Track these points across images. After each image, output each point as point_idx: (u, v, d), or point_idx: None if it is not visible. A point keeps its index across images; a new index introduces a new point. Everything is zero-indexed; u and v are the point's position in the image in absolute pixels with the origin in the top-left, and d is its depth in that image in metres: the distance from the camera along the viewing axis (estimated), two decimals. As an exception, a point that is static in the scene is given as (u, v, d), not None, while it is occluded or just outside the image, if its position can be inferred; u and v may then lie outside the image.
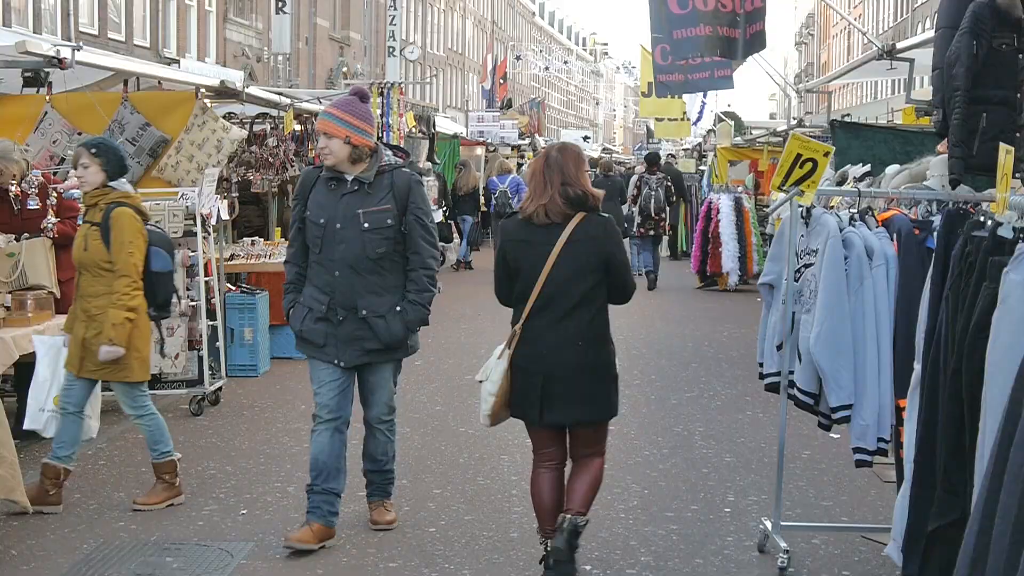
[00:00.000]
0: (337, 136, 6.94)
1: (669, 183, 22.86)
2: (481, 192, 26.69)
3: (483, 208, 26.80)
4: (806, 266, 6.83)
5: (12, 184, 9.47)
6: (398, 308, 7.02)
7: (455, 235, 25.46)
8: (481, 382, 6.55)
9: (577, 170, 6.41)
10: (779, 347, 7.10)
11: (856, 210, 6.86)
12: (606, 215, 6.51)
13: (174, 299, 8.40)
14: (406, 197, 7.04)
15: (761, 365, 7.46)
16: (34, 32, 26.33)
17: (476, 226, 26.58)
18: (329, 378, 7.08)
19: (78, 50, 9.72)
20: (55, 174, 10.51)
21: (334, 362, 7.04)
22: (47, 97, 11.08)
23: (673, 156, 32.71)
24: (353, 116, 7.00)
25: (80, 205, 9.66)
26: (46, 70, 9.86)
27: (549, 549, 6.34)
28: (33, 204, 9.49)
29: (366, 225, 6.96)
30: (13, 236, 9.51)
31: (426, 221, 7.12)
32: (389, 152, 7.27)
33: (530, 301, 6.34)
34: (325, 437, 7.08)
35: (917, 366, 5.41)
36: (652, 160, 24.04)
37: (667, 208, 22.50)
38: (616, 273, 6.42)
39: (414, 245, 7.07)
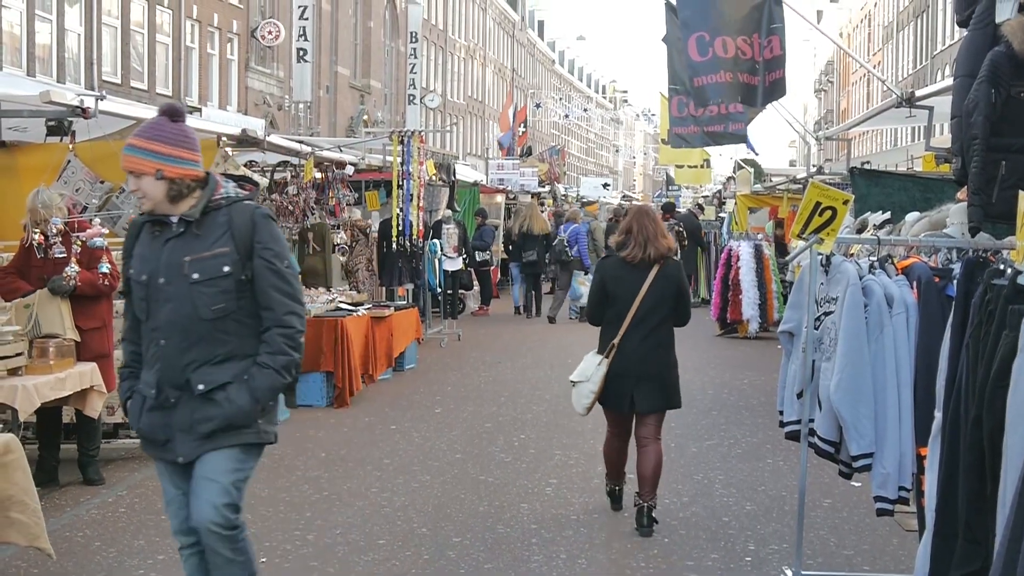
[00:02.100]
0: (146, 173, 5.33)
1: (680, 228, 24.27)
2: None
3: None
4: (826, 314, 6.82)
5: (36, 232, 9.54)
6: (245, 376, 5.34)
7: (475, 282, 25.52)
8: (576, 383, 8.64)
9: (662, 228, 8.76)
10: (799, 395, 7.09)
11: (876, 258, 6.86)
12: (678, 260, 8.92)
13: None
14: (250, 237, 5.38)
15: (781, 413, 7.45)
16: (58, 81, 26.56)
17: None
18: (175, 489, 5.51)
19: (101, 100, 9.80)
20: (90, 220, 10.56)
21: (178, 460, 5.40)
22: (70, 146, 11.15)
23: (700, 207, 32.73)
24: (163, 143, 5.36)
25: (103, 252, 9.73)
26: (69, 119, 9.93)
27: (615, 498, 9.09)
28: (60, 253, 9.55)
29: (195, 276, 5.32)
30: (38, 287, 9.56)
31: (279, 265, 5.41)
32: (231, 183, 5.64)
33: (626, 322, 8.47)
34: (194, 563, 5.55)
35: (938, 414, 5.39)
36: (667, 208, 27.16)
37: (678, 252, 23.70)
38: (682, 303, 8.69)
39: (265, 298, 5.37)
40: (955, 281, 5.98)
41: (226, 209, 5.42)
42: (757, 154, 30.11)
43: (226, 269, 5.33)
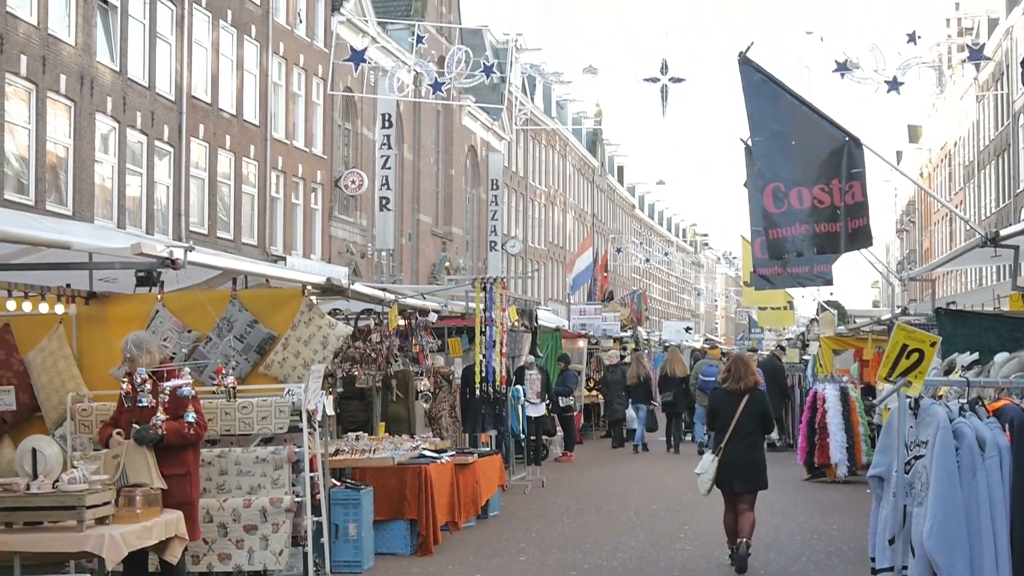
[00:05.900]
0: None
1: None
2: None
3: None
4: (916, 458, 6.72)
5: (125, 381, 9.62)
6: None
7: (558, 428, 25.48)
8: (699, 474, 12.43)
9: (752, 368, 13.01)
10: (891, 541, 6.96)
11: (966, 400, 6.77)
12: (763, 389, 13.32)
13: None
14: None
15: (873, 560, 7.32)
16: (147, 232, 27.18)
17: (651, 413, 28.56)
18: None
19: (190, 251, 9.97)
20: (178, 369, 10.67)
21: None
22: (159, 296, 11.34)
23: (783, 348, 32.56)
24: None
25: (190, 401, 9.80)
26: (159, 270, 10.10)
27: (733, 557, 12.29)
28: (144, 401, 9.62)
29: None
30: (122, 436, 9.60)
31: None
32: None
33: (729, 431, 12.33)
34: None
35: (1036, 560, 5.27)
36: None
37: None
38: (767, 418, 12.76)
39: None
40: (1049, 423, 5.89)
41: None
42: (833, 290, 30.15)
43: None
